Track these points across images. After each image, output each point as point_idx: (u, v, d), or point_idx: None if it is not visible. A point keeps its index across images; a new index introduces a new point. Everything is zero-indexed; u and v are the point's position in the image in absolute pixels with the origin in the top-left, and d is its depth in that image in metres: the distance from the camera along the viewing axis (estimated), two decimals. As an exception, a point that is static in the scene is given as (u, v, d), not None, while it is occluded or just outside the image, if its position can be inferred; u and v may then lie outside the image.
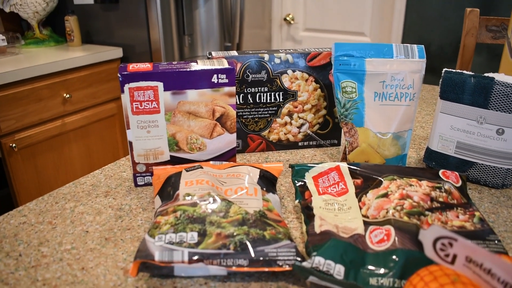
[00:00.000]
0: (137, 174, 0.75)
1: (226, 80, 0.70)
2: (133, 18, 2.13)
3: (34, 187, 1.92)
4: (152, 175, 0.75)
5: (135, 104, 0.69)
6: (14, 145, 1.78)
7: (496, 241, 0.54)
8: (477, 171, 0.75)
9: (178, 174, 0.65)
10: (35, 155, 1.90)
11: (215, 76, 0.69)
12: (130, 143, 0.71)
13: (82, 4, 2.29)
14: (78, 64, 1.98)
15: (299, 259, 0.51)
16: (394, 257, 0.49)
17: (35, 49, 2.21)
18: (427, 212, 0.56)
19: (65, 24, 2.24)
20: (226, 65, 0.70)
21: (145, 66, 0.68)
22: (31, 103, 1.82)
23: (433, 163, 0.79)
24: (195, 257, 0.50)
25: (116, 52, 2.17)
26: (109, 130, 2.23)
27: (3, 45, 2.00)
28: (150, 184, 0.76)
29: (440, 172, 0.65)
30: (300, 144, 0.90)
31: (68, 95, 1.95)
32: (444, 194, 0.60)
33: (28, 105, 1.81)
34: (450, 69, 0.75)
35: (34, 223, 0.66)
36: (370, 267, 0.49)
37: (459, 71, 0.74)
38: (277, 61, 0.82)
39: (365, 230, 0.55)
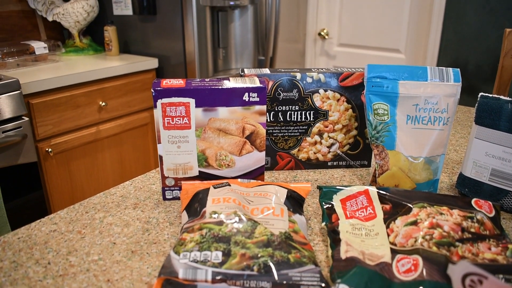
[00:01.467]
0: (166, 188, 0.76)
1: (257, 99, 0.71)
2: (170, 30, 2.17)
3: (67, 191, 1.97)
4: (180, 189, 0.76)
5: (167, 119, 0.70)
6: (50, 149, 1.83)
7: (530, 277, 0.52)
8: (513, 201, 0.73)
9: (206, 191, 0.65)
10: (69, 160, 1.95)
11: (246, 94, 0.70)
12: (161, 157, 0.73)
13: (121, 15, 2.35)
14: (115, 73, 2.03)
15: (323, 285, 0.50)
16: (421, 288, 0.48)
17: (74, 57, 2.28)
18: (457, 243, 0.55)
19: (104, 34, 2.31)
20: (257, 84, 0.71)
21: (178, 83, 0.70)
22: (68, 109, 1.88)
23: (466, 190, 0.77)
24: (219, 277, 0.50)
25: (152, 63, 2.21)
26: (142, 138, 2.27)
27: (45, 53, 2.08)
28: (178, 198, 0.77)
29: (473, 201, 0.63)
30: (329, 164, 0.90)
31: (104, 103, 2.00)
32: (476, 224, 0.58)
33: (65, 111, 1.87)
34: (486, 94, 0.73)
35: (64, 232, 0.68)
36: (396, 297, 0.48)
37: (496, 96, 0.72)
38: (309, 80, 0.82)
39: (392, 259, 0.54)
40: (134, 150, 2.25)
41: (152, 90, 0.68)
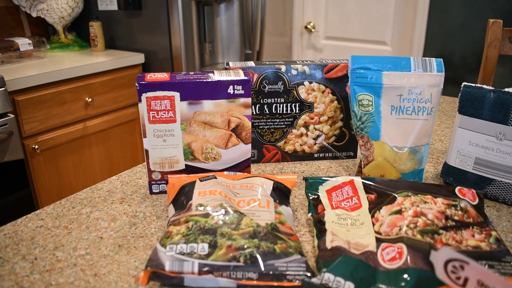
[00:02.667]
0: (152, 182, 0.75)
1: (242, 91, 0.71)
2: (155, 25, 2.16)
3: (54, 188, 1.96)
4: (167, 183, 0.76)
5: (152, 113, 0.69)
6: (36, 146, 1.81)
7: (512, 263, 0.53)
8: (496, 188, 0.74)
9: (192, 184, 0.65)
10: (57, 157, 1.93)
11: (231, 87, 0.70)
12: (146, 151, 0.72)
13: (106, 10, 2.33)
14: (101, 69, 2.01)
15: (308, 274, 0.51)
16: (405, 276, 0.49)
17: (60, 53, 2.26)
18: (441, 231, 0.55)
19: (89, 30, 2.29)
20: (242, 76, 0.71)
21: (163, 76, 0.69)
22: (54, 106, 1.86)
23: (451, 179, 0.78)
24: (205, 269, 0.50)
25: (138, 58, 2.20)
26: (129, 134, 2.26)
27: (30, 49, 2.05)
28: (165, 192, 0.77)
29: (457, 189, 0.64)
30: (315, 155, 0.90)
31: (90, 99, 1.98)
32: (459, 212, 0.59)
33: (52, 108, 1.85)
34: (469, 83, 0.74)
35: (50, 227, 0.68)
36: (381, 285, 0.49)
37: (478, 85, 0.73)
38: (294, 72, 0.82)
39: (377, 247, 0.54)
40: (122, 146, 2.24)
41: (136, 84, 0.68)
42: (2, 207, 1.73)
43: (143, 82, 0.68)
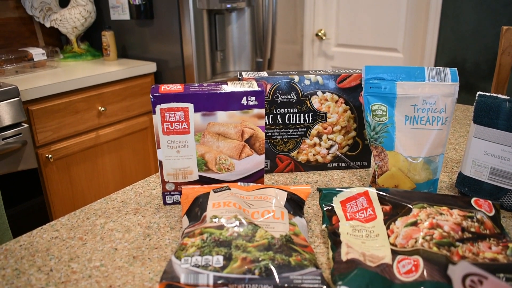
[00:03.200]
0: (166, 193, 0.76)
1: (256, 102, 0.71)
2: (167, 34, 2.17)
3: (67, 197, 1.97)
4: (180, 194, 0.76)
5: (166, 125, 0.70)
6: (50, 155, 1.83)
7: (531, 276, 0.52)
8: (512, 199, 0.73)
9: (206, 195, 0.66)
10: (70, 166, 1.95)
11: (244, 98, 0.70)
12: (160, 162, 0.73)
13: (119, 20, 2.36)
14: (114, 78, 2.03)
15: (324, 287, 0.50)
16: (422, 289, 0.48)
17: (73, 63, 2.29)
18: (457, 243, 0.55)
19: (102, 39, 2.31)
20: (255, 87, 0.71)
21: (176, 88, 0.70)
22: (68, 115, 1.88)
23: (466, 189, 0.78)
24: (220, 281, 0.50)
25: (150, 67, 2.21)
26: (142, 143, 2.27)
27: (43, 59, 2.08)
28: (178, 202, 0.77)
29: (472, 201, 0.63)
30: (329, 165, 0.90)
31: (103, 108, 2.00)
32: (476, 224, 0.58)
33: (65, 117, 1.87)
34: (484, 93, 0.73)
35: (65, 238, 0.68)
36: (397, 298, 0.48)
37: (493, 95, 0.72)
38: (307, 82, 0.82)
39: (393, 260, 0.54)
40: (134, 154, 2.26)
41: (150, 95, 0.68)
42: (16, 215, 1.75)
43: (157, 94, 0.68)
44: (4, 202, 1.69)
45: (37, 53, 2.06)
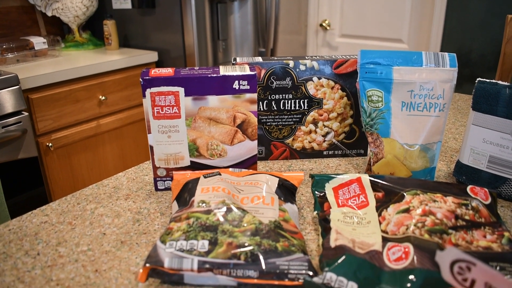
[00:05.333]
0: (157, 178, 0.75)
1: (248, 87, 0.69)
2: (169, 23, 2.16)
3: (68, 186, 1.97)
4: (172, 179, 0.75)
5: (156, 109, 0.69)
6: (50, 144, 1.83)
7: (525, 265, 0.51)
8: (511, 188, 0.71)
9: (196, 180, 0.64)
10: (70, 155, 1.95)
11: (236, 82, 0.69)
12: (151, 147, 0.72)
13: (121, 9, 2.34)
14: (115, 67, 2.02)
15: (310, 273, 0.49)
16: (411, 277, 0.47)
17: (74, 52, 2.28)
18: (450, 231, 0.53)
19: (103, 28, 2.30)
20: (248, 72, 0.69)
21: (167, 71, 0.69)
22: (68, 104, 1.88)
23: (464, 178, 0.76)
24: (205, 266, 0.49)
25: (152, 56, 2.20)
26: (142, 132, 2.27)
27: (45, 48, 2.07)
28: (170, 188, 0.76)
29: (468, 188, 0.61)
30: (325, 153, 0.88)
31: (104, 97, 1.99)
32: (471, 211, 0.57)
33: (65, 106, 1.87)
34: (484, 79, 0.72)
35: (55, 223, 0.67)
36: (386, 286, 0.47)
37: (493, 81, 0.70)
38: (302, 68, 0.81)
39: (383, 247, 0.52)
40: (135, 144, 2.25)
41: (140, 79, 0.67)
42: (16, 205, 1.75)
43: (147, 77, 0.67)
44: (5, 192, 1.69)
45: (39, 42, 2.05)
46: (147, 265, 0.50)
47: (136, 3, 2.19)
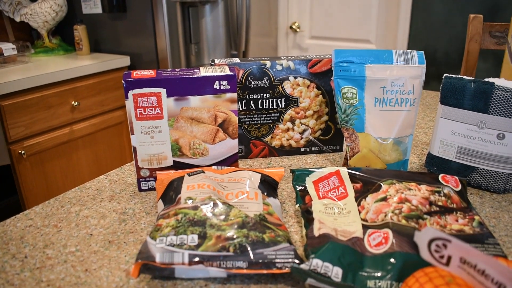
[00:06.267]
0: (141, 179, 0.76)
1: (228, 87, 0.71)
2: (141, 27, 2.16)
3: (42, 194, 1.94)
4: (155, 180, 0.76)
5: (139, 110, 0.70)
6: (23, 152, 1.80)
7: (495, 245, 0.55)
8: (479, 176, 0.76)
9: (181, 179, 0.66)
10: (44, 162, 1.92)
11: (217, 82, 0.71)
12: (134, 148, 0.73)
13: (91, 14, 2.32)
14: (87, 72, 2.01)
15: (297, 261, 0.51)
16: (392, 260, 0.50)
17: (44, 58, 2.25)
18: (425, 216, 0.57)
19: (74, 33, 2.28)
20: (228, 72, 0.71)
21: (149, 73, 0.70)
22: (40, 110, 1.85)
23: (435, 168, 0.80)
24: (195, 259, 0.51)
25: (124, 61, 2.19)
26: (117, 137, 2.25)
27: (14, 54, 2.04)
28: (153, 188, 0.77)
29: (440, 177, 0.65)
30: (302, 150, 0.91)
31: (76, 103, 1.97)
32: (443, 198, 0.60)
33: (37, 112, 1.84)
34: (450, 75, 0.76)
35: (40, 226, 0.68)
36: (368, 269, 0.50)
37: (459, 76, 0.75)
38: (278, 67, 0.83)
39: (364, 234, 0.55)
40: (110, 149, 2.23)
41: (123, 81, 0.68)
42: (-11, 214, 1.72)
43: (129, 79, 0.68)
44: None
45: (7, 48, 2.01)
46: (139, 260, 0.51)
47: (107, 7, 2.18)
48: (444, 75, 0.76)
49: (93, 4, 2.27)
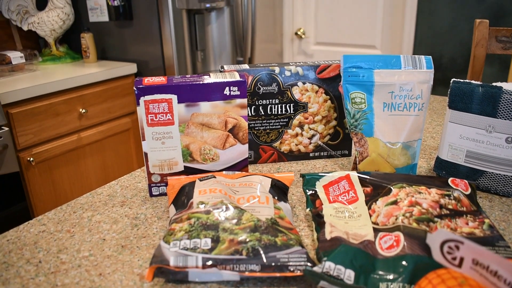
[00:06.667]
0: (152, 185, 0.77)
1: (238, 92, 0.72)
2: (147, 35, 2.17)
3: (50, 201, 1.96)
4: (166, 185, 0.77)
5: (150, 116, 0.71)
6: (31, 159, 1.82)
7: (505, 247, 0.55)
8: (488, 180, 0.76)
9: (192, 184, 0.67)
10: (52, 169, 1.94)
11: (227, 88, 0.72)
12: (146, 154, 0.74)
13: (98, 22, 2.35)
14: (94, 80, 2.02)
15: (310, 264, 0.52)
16: (403, 262, 0.50)
17: (52, 66, 2.27)
18: (436, 219, 0.57)
19: (81, 41, 2.30)
20: (237, 78, 0.72)
21: (160, 80, 0.71)
22: (48, 118, 1.87)
23: (444, 172, 0.80)
24: (209, 263, 0.52)
25: (131, 68, 2.21)
26: (124, 144, 2.27)
27: (21, 62, 2.06)
28: (164, 194, 0.78)
29: (449, 180, 0.66)
30: (311, 155, 0.92)
31: (84, 110, 1.99)
32: (453, 201, 0.61)
33: (45, 120, 1.86)
34: (458, 79, 0.76)
35: (53, 232, 0.68)
36: (380, 272, 0.50)
37: (467, 80, 0.75)
38: (287, 73, 0.84)
39: (375, 237, 0.56)
40: (117, 156, 2.25)
41: (134, 87, 0.69)
42: (-2, 220, 1.73)
43: (141, 86, 0.69)
44: (-14, 207, 1.67)
45: (15, 56, 2.03)
46: (153, 264, 0.52)
47: (114, 15, 2.21)
48: (452, 79, 0.77)
49: (99, 12, 2.29)
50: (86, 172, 2.10)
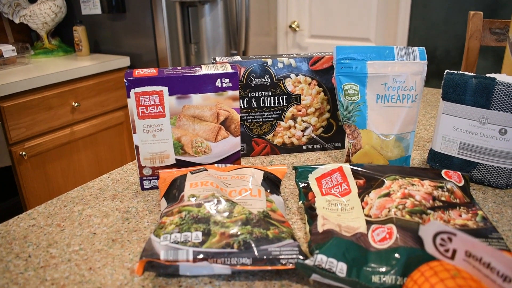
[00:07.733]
0: (143, 178, 0.76)
1: (230, 84, 0.71)
2: (140, 28, 2.16)
3: (43, 195, 1.94)
4: (158, 178, 0.76)
5: (141, 109, 0.70)
6: (24, 153, 1.80)
7: (498, 239, 0.55)
8: (481, 172, 0.76)
9: (183, 177, 0.66)
10: (45, 163, 1.92)
11: (218, 80, 0.71)
12: (137, 147, 0.73)
13: (90, 14, 2.32)
14: (87, 73, 2.01)
15: (301, 257, 0.51)
16: (396, 255, 0.50)
17: (44, 59, 2.25)
18: (429, 211, 0.57)
19: (73, 34, 2.28)
20: (229, 70, 0.71)
21: (151, 72, 0.70)
22: (41, 111, 1.85)
23: (437, 164, 0.80)
24: (200, 256, 0.51)
25: (124, 61, 2.19)
26: (117, 137, 2.25)
27: (13, 56, 2.04)
28: (156, 187, 0.77)
29: (443, 172, 0.65)
30: (304, 147, 0.91)
31: (76, 104, 1.97)
32: (446, 193, 0.60)
33: (38, 113, 1.84)
34: (451, 71, 0.76)
35: (43, 226, 0.68)
36: (373, 265, 0.50)
37: (460, 72, 0.75)
38: (280, 65, 0.83)
39: (368, 229, 0.55)
40: (110, 149, 2.23)
41: (124, 79, 0.68)
42: (-9, 215, 1.72)
43: (131, 78, 0.68)
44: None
45: (7, 49, 2.01)
46: (144, 258, 0.51)
47: (106, 8, 2.18)
48: (446, 71, 0.76)
49: (92, 5, 2.27)
50: (79, 166, 2.09)
